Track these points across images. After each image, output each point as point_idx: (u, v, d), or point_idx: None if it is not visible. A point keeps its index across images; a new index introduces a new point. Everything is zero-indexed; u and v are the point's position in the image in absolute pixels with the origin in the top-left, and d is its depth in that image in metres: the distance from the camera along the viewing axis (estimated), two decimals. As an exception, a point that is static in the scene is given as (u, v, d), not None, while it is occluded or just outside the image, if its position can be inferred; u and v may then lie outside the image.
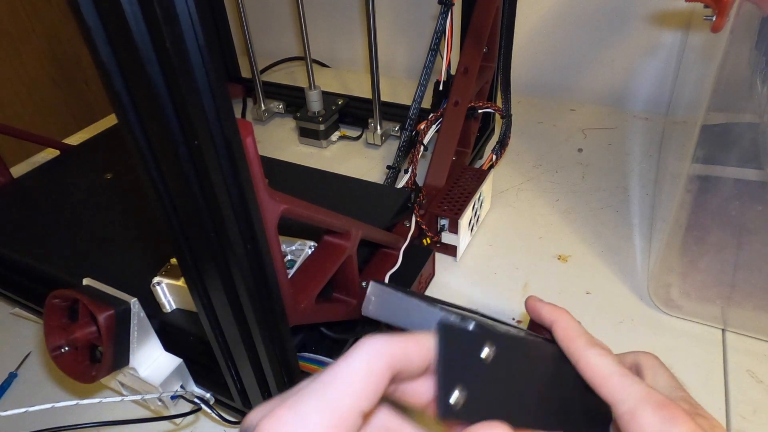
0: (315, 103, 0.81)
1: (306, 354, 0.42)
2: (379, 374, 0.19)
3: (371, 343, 0.19)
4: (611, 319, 0.51)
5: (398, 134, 0.82)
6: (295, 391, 0.19)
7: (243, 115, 0.93)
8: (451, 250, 0.59)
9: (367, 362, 0.19)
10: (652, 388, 0.26)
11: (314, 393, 0.19)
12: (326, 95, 0.84)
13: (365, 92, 0.82)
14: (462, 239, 0.58)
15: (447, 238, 0.58)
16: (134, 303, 0.37)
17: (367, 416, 0.20)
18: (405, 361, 0.20)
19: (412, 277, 0.50)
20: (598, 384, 0.27)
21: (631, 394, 0.26)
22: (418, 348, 0.21)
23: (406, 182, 0.60)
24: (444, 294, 0.55)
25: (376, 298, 0.26)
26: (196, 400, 0.41)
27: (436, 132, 0.62)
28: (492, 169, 0.64)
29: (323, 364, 0.41)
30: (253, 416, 0.19)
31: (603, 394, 0.27)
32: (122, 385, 0.42)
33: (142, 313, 0.37)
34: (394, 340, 0.20)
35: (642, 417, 0.25)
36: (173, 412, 0.42)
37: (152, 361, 0.39)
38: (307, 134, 0.82)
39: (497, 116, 0.69)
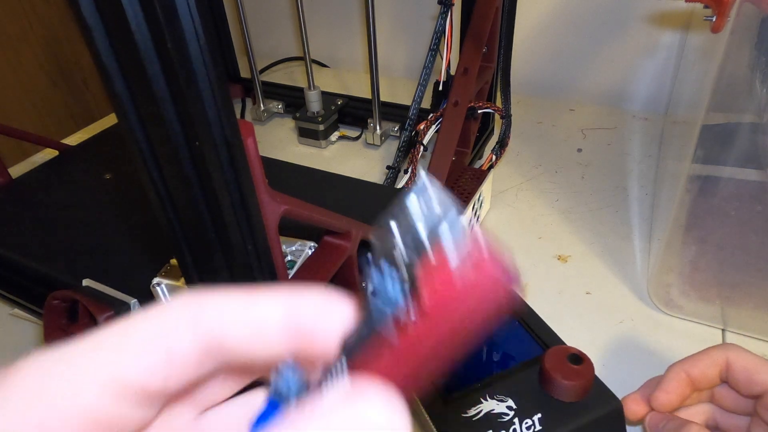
0: (314, 103, 0.81)
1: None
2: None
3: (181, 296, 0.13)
4: (611, 319, 0.51)
5: (398, 134, 0.82)
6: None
7: (242, 115, 0.93)
8: (450, 251, 0.59)
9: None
10: None
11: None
12: (325, 95, 0.84)
13: (365, 92, 0.82)
14: (462, 239, 0.58)
15: (447, 238, 0.58)
16: (134, 304, 0.37)
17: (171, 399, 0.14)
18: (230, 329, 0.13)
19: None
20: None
21: None
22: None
23: (406, 182, 0.60)
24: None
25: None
26: (196, 400, 0.41)
27: (435, 132, 0.61)
28: (492, 170, 0.64)
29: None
30: None
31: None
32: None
33: (142, 314, 0.37)
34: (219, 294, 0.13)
35: None
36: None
37: (152, 362, 0.39)
38: (307, 134, 0.82)
39: (497, 116, 0.69)
